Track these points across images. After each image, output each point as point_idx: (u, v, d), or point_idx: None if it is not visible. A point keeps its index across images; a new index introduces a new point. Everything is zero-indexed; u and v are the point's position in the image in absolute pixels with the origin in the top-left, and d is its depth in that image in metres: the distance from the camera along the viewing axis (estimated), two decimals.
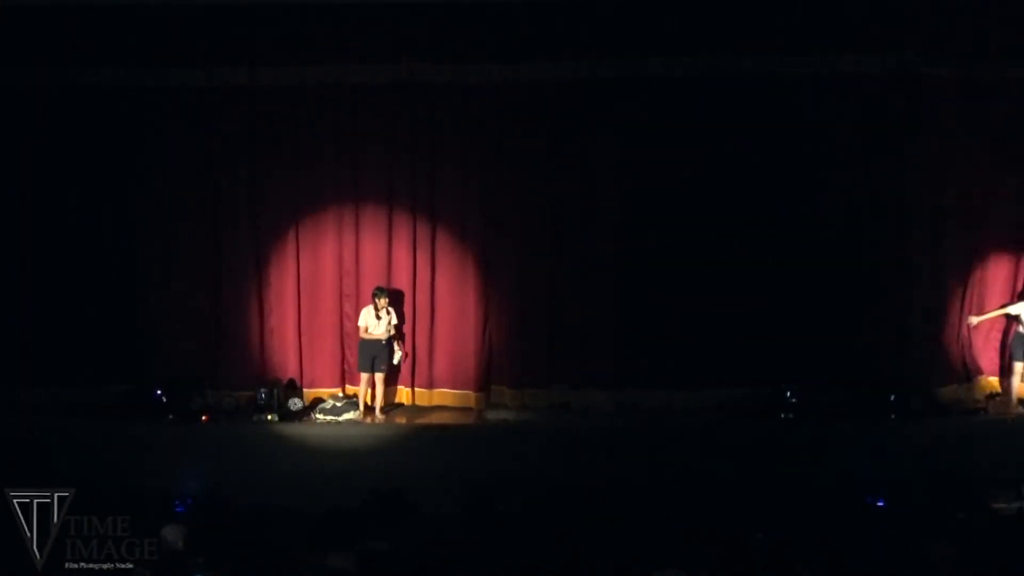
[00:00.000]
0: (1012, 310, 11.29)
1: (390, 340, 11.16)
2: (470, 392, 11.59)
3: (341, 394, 11.53)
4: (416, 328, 11.68)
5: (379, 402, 11.29)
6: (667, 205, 11.37)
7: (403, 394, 11.79)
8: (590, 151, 11.47)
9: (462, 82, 11.33)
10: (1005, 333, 11.54)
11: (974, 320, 11.48)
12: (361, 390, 11.26)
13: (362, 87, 11.36)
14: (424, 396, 11.74)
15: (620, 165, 11.41)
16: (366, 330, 11.05)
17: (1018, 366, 11.17)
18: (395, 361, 11.30)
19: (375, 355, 11.09)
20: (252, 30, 11.19)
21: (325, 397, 11.46)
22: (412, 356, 11.72)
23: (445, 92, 11.38)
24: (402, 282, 11.63)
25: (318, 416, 11.13)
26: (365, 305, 11.18)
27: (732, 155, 11.27)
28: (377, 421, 11.18)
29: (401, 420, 11.37)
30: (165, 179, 11.48)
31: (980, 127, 11.44)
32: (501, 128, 11.44)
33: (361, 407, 11.24)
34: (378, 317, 11.01)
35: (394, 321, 11.17)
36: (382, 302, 10.97)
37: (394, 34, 11.16)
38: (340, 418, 11.09)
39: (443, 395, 11.68)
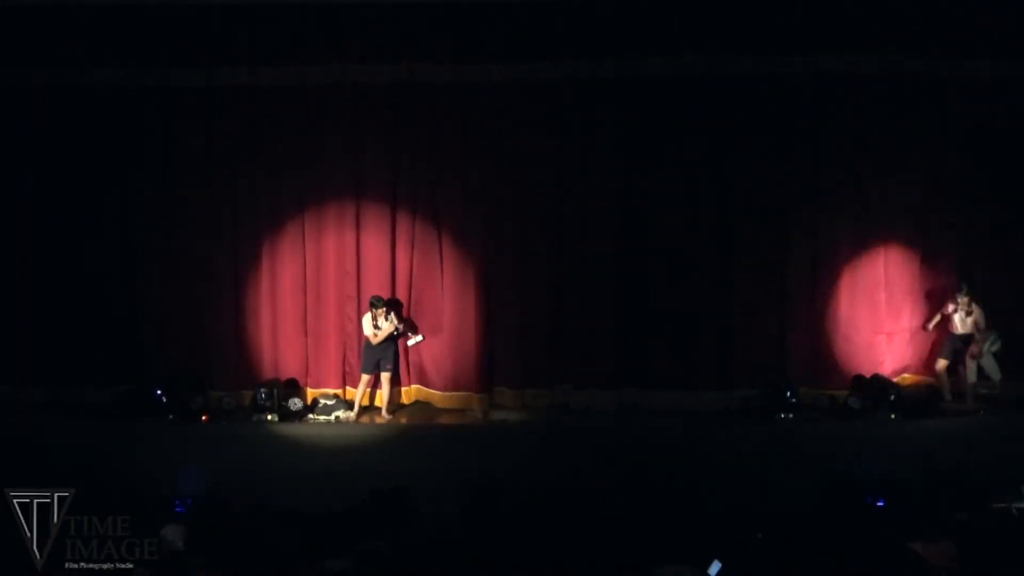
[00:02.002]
0: (947, 311, 11.26)
1: (395, 339, 11.21)
2: (472, 393, 11.57)
3: (332, 393, 11.53)
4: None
5: (386, 403, 11.29)
6: (667, 205, 11.38)
7: (406, 395, 11.77)
8: (590, 151, 11.46)
9: (462, 82, 11.32)
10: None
11: (929, 326, 11.43)
12: (359, 391, 11.26)
13: (362, 87, 11.36)
14: (427, 397, 11.72)
15: (620, 165, 11.41)
16: (374, 336, 11.06)
17: (941, 363, 11.25)
18: (410, 343, 11.37)
19: (380, 357, 11.12)
20: (252, 30, 11.19)
21: (320, 398, 11.45)
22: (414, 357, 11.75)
23: (445, 92, 11.37)
24: (403, 283, 11.63)
25: (311, 417, 11.16)
26: (366, 307, 11.19)
27: (732, 155, 11.28)
28: (383, 421, 11.18)
29: (403, 420, 11.37)
30: (165, 179, 11.48)
31: (980, 127, 11.43)
32: (501, 128, 11.43)
33: (356, 408, 11.23)
34: (377, 326, 11.03)
35: (396, 322, 11.17)
36: (380, 311, 10.99)
37: (394, 34, 11.16)
38: (330, 417, 11.11)
39: (446, 397, 11.65)
